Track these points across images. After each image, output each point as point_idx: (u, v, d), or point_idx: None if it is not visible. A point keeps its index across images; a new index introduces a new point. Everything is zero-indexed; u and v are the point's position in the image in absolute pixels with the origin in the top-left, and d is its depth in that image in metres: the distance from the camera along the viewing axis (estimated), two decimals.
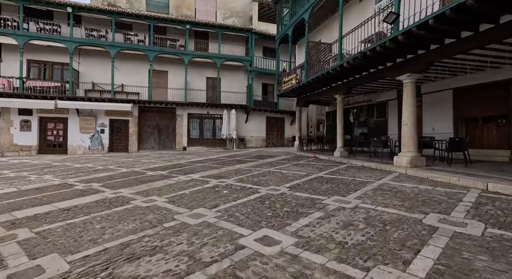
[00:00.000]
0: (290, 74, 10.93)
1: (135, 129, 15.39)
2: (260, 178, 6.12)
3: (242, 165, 8.68)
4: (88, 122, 14.42)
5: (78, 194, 5.00)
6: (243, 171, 7.25)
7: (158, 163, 9.86)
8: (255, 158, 10.86)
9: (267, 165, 8.36)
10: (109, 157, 12.86)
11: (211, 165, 8.98)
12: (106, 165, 9.65)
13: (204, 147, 16.74)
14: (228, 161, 9.91)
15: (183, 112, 16.34)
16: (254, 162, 9.51)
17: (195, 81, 16.58)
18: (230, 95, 16.99)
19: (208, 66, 16.89)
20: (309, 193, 4.49)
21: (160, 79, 16.19)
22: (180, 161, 10.66)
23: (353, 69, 7.45)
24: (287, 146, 18.62)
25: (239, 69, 17.62)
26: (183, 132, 16.33)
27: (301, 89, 10.82)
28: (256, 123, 17.77)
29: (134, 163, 9.96)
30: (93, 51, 14.50)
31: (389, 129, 10.69)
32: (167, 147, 16.24)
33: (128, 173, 7.50)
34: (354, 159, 8.42)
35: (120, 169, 8.47)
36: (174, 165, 9.11)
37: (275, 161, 9.51)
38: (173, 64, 16.24)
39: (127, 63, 15.41)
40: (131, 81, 15.13)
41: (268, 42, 18.07)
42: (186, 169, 8.07)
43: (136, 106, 15.32)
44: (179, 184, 5.73)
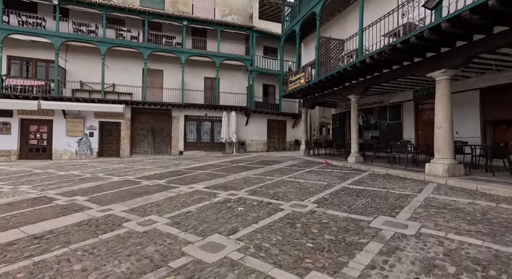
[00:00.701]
0: (298, 73, 10.22)
1: (127, 132, 14.42)
2: (276, 189, 5.32)
3: (249, 172, 7.86)
4: (75, 125, 13.39)
5: (58, 211, 4.10)
6: (253, 180, 6.44)
7: (153, 170, 8.96)
8: (260, 163, 10.06)
9: (278, 173, 7.57)
10: (98, 162, 11.85)
11: (214, 172, 8.14)
12: (94, 172, 8.70)
13: (202, 151, 15.84)
14: (232, 168, 9.07)
15: (180, 114, 15.45)
16: (261, 168, 8.70)
17: (193, 82, 15.75)
18: (229, 96, 16.19)
19: (206, 65, 16.08)
20: (345, 210, 3.71)
21: (155, 79, 15.29)
22: (178, 167, 9.77)
23: (375, 66, 6.78)
24: (289, 150, 17.88)
25: (238, 69, 16.87)
26: (179, 136, 15.42)
27: (309, 90, 10.11)
28: (256, 126, 16.99)
29: (126, 170, 9.03)
30: (82, 48, 13.54)
31: (404, 132, 10.06)
32: (162, 151, 15.29)
33: (120, 183, 6.59)
34: (372, 165, 7.71)
35: (111, 177, 7.55)
36: (172, 172, 8.23)
37: (284, 167, 8.72)
38: (169, 63, 15.38)
39: (119, 61, 14.49)
40: (123, 81, 14.20)
41: (269, 42, 17.41)
42: (187, 178, 7.21)
43: (129, 108, 14.37)
44: (182, 197, 4.88)
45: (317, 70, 8.94)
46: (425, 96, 9.00)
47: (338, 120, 13.48)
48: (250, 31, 15.91)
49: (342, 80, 8.69)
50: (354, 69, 7.02)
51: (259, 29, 15.95)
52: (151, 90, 14.99)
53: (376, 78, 7.57)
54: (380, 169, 6.94)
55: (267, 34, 16.35)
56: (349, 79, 8.52)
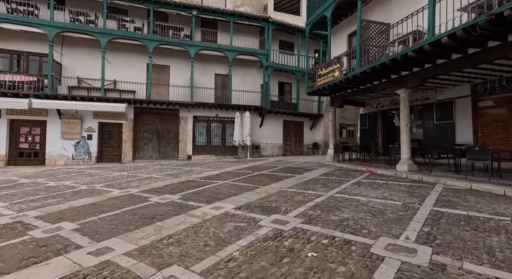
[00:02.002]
0: (331, 65, 8.84)
1: (129, 134, 13.10)
2: (337, 213, 3.91)
3: (279, 183, 6.46)
4: (72, 127, 12.10)
5: (29, 254, 2.75)
6: (294, 197, 5.03)
7: (161, 179, 7.59)
8: (286, 171, 8.65)
9: (318, 185, 6.15)
10: (97, 169, 10.53)
11: (236, 183, 6.74)
12: (91, 182, 7.35)
13: (212, 155, 14.46)
14: (255, 177, 7.67)
15: (188, 114, 14.11)
16: (291, 178, 7.29)
17: (202, 79, 14.43)
18: (242, 95, 14.84)
19: (217, 61, 14.77)
20: (485, 262, 2.29)
21: (160, 75, 14.00)
22: (190, 175, 8.40)
23: (447, 50, 5.36)
24: (306, 154, 16.45)
25: (252, 65, 15.53)
26: (187, 139, 14.07)
27: (343, 85, 8.72)
28: (271, 128, 15.60)
29: (129, 180, 7.67)
30: (80, 40, 12.30)
31: (457, 134, 8.61)
32: (168, 156, 13.93)
33: (122, 199, 5.23)
34: (433, 175, 6.28)
35: (111, 190, 6.19)
36: (185, 183, 6.84)
37: (320, 177, 7.30)
38: (177, 57, 14.09)
39: (121, 56, 13.23)
40: (125, 77, 12.91)
41: (285, 35, 16.09)
42: (206, 191, 5.82)
43: (132, 107, 13.07)
44: (210, 225, 3.51)
45: (359, 59, 7.55)
46: (489, 92, 7.54)
47: (368, 121, 12.05)
48: (265, 23, 14.60)
49: (389, 71, 7.30)
50: (418, 53, 5.62)
51: (276, 20, 14.63)
52: (157, 88, 13.69)
53: (440, 67, 6.16)
54: (454, 181, 5.49)
55: (284, 27, 15.03)
56: (399, 70, 7.13)
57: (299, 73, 15.47)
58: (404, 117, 7.35)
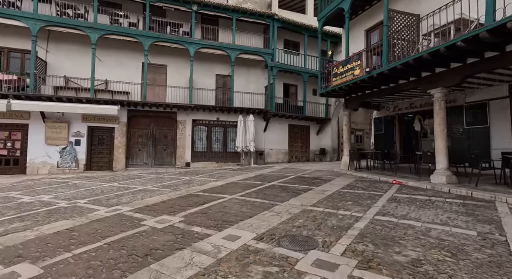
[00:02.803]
0: (349, 62, 7.93)
1: (122, 139, 12.00)
2: (396, 248, 2.93)
3: (299, 199, 5.45)
4: (57, 131, 10.97)
5: None
6: (327, 220, 4.05)
7: (158, 193, 6.53)
8: (299, 182, 7.65)
9: (348, 202, 5.15)
10: (84, 179, 9.41)
11: (247, 198, 5.72)
12: (74, 197, 6.26)
13: (213, 162, 13.40)
14: (267, 190, 6.65)
15: (186, 118, 13.09)
16: (310, 191, 6.30)
17: (202, 79, 13.46)
18: (245, 97, 13.89)
19: (218, 60, 13.84)
20: None
21: (157, 76, 13.00)
22: (191, 187, 7.36)
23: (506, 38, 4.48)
24: (313, 160, 15.48)
25: (255, 65, 14.63)
26: (186, 144, 13.01)
27: (364, 84, 7.80)
28: (276, 133, 14.62)
29: (120, 193, 6.59)
30: (67, 35, 11.28)
31: (493, 140, 7.73)
32: (164, 163, 12.84)
33: (108, 222, 4.19)
34: (484, 189, 5.33)
35: (96, 208, 5.13)
36: (187, 199, 5.80)
37: (344, 190, 6.31)
38: (174, 56, 13.13)
39: (113, 53, 12.22)
40: (118, 77, 11.88)
41: (290, 34, 15.26)
42: (213, 211, 4.79)
43: (125, 110, 12.00)
44: (227, 270, 2.50)
45: (386, 55, 6.63)
46: None
47: (384, 125, 11.15)
48: (270, 21, 13.75)
49: (420, 69, 6.41)
50: (469, 44, 4.72)
51: (281, 17, 13.78)
52: (153, 89, 12.67)
53: (489, 62, 5.27)
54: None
55: (290, 25, 14.19)
56: (432, 67, 6.24)
57: (306, 74, 14.59)
58: (440, 122, 6.43)
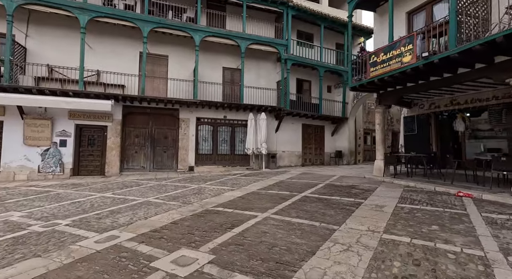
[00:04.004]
0: (395, 48, 6.61)
1: (116, 140, 10.44)
2: None
3: (359, 220, 4.08)
4: (38, 129, 9.36)
5: None
6: (439, 264, 2.68)
7: (164, 207, 5.07)
8: (336, 192, 6.27)
9: (434, 226, 3.79)
10: (70, 187, 7.84)
11: (287, 218, 4.31)
12: (55, 215, 4.76)
13: (219, 166, 11.93)
14: (304, 204, 5.25)
15: (190, 116, 11.59)
16: (362, 207, 4.92)
17: (207, 72, 12.00)
18: (255, 93, 12.49)
19: (225, 51, 12.43)
20: None
21: (156, 67, 11.48)
22: (204, 198, 5.92)
23: None
24: (328, 164, 14.17)
25: (266, 57, 13.25)
26: (189, 146, 11.51)
27: (412, 74, 6.50)
28: (289, 133, 13.26)
29: (115, 208, 5.09)
30: (52, 17, 9.70)
31: None
32: (165, 167, 11.30)
33: (102, 263, 2.74)
34: None
35: (83, 235, 3.68)
36: (205, 218, 4.36)
37: (411, 207, 4.96)
38: (177, 45, 11.65)
39: (106, 40, 10.66)
40: (112, 68, 10.33)
41: (303, 25, 13.96)
42: (251, 242, 3.39)
43: (120, 106, 10.45)
44: None
45: (454, 34, 5.32)
46: None
47: (417, 125, 9.89)
48: (284, 8, 12.40)
49: (492, 53, 5.14)
50: None
51: (296, 5, 12.44)
52: (152, 83, 11.15)
53: None
54: None
55: (305, 13, 12.85)
56: None
57: (322, 68, 13.28)
58: None
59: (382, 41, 8.61)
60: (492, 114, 8.15)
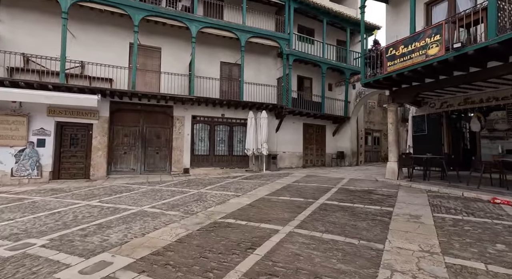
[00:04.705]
0: (418, 39, 6.04)
1: (103, 139, 9.41)
2: None
3: (405, 236, 3.42)
4: (12, 127, 8.23)
5: None
6: None
7: (164, 220, 4.26)
8: (355, 198, 5.61)
9: (499, 246, 3.16)
10: (50, 192, 6.83)
11: (315, 233, 3.60)
12: (27, 231, 3.86)
13: (217, 168, 11.09)
14: (327, 214, 4.56)
15: (185, 113, 10.69)
16: (397, 218, 4.28)
17: (204, 67, 11.14)
18: (255, 90, 11.74)
19: (223, 44, 11.62)
20: None
21: (148, 61, 10.52)
22: (209, 208, 5.12)
23: None
24: (329, 165, 13.61)
25: (266, 52, 12.53)
26: (184, 146, 10.61)
27: (440, 66, 5.95)
28: (290, 133, 12.60)
29: (104, 221, 4.21)
30: (27, 0, 8.57)
31: None
32: (157, 169, 10.35)
33: None
34: None
35: (64, 260, 2.83)
36: (216, 233, 3.58)
37: (449, 218, 4.38)
38: (171, 37, 10.73)
39: (92, 28, 9.62)
40: (98, 59, 9.29)
41: (304, 20, 13.34)
42: (284, 271, 2.60)
43: (107, 101, 9.43)
44: None
45: (495, 22, 4.76)
46: None
47: (427, 124, 9.44)
48: (285, 0, 11.70)
49: None
50: None
51: None
52: (143, 76, 10.18)
53: None
54: None
55: (308, 6, 12.22)
56: None
57: (324, 65, 12.70)
58: None
59: (396, 35, 8.07)
60: (511, 113, 7.77)
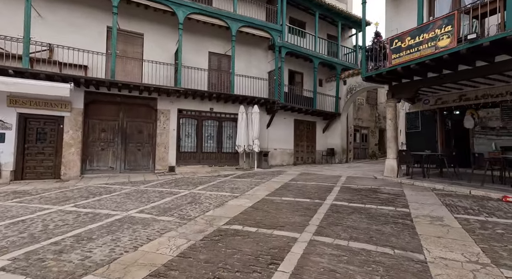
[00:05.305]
0: (427, 30, 5.78)
1: (76, 134, 8.34)
2: None
3: (442, 244, 3.09)
4: None
5: None
6: None
7: (157, 227, 3.61)
8: (363, 198, 5.26)
9: None
10: (11, 196, 5.81)
11: (339, 242, 3.10)
12: None
13: (205, 165, 10.37)
14: (341, 216, 4.18)
15: (170, 107, 9.83)
16: (420, 221, 3.96)
17: (190, 57, 10.32)
18: (246, 83, 11.12)
19: (211, 34, 10.86)
20: None
21: (129, 48, 9.50)
22: (207, 212, 4.52)
23: None
24: (319, 162, 13.37)
25: (257, 44, 11.94)
26: (169, 142, 9.76)
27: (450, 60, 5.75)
28: (281, 129, 12.15)
29: (83, 232, 3.45)
30: None
31: None
32: (139, 167, 9.43)
33: None
34: None
35: None
36: (225, 244, 2.99)
37: (473, 220, 4.15)
38: (154, 22, 9.80)
39: (63, 8, 8.47)
40: (71, 43, 8.17)
41: (296, 12, 12.92)
42: None
43: (81, 91, 8.36)
44: None
45: None
46: None
47: (421, 121, 9.42)
48: None
49: None
50: None
51: None
52: (123, 65, 9.18)
53: None
54: None
55: None
56: None
57: (316, 59, 12.36)
58: None
59: (396, 28, 7.85)
60: (505, 110, 7.88)
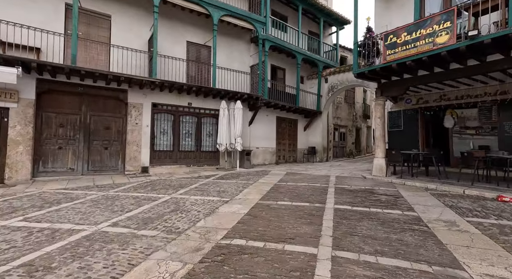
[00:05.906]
0: (424, 26, 5.62)
1: (26, 130, 6.94)
2: None
3: (471, 256, 2.75)
4: None
5: None
6: None
7: (138, 246, 2.89)
8: (364, 201, 4.98)
9: None
10: None
11: (366, 257, 2.55)
12: None
13: (183, 166, 9.45)
14: (351, 223, 3.79)
15: (143, 100, 8.75)
16: (435, 226, 3.68)
17: (167, 46, 9.30)
18: (228, 77, 10.37)
19: (190, 22, 9.93)
20: None
21: (93, 30, 8.21)
22: (197, 222, 3.89)
23: None
24: (301, 161, 13.12)
25: (239, 36, 11.22)
26: (141, 140, 8.67)
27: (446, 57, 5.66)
28: (264, 127, 11.62)
29: (35, 261, 2.48)
30: None
31: None
32: (106, 168, 8.23)
33: None
34: None
35: None
36: (226, 267, 2.34)
37: (482, 223, 3.94)
38: (124, 3, 8.61)
39: None
40: (18, 19, 6.75)
41: (278, 6, 12.42)
42: None
43: (33, 79, 6.98)
44: None
45: None
46: None
47: (403, 120, 9.53)
48: None
49: None
50: None
51: None
52: (86, 49, 7.90)
53: None
54: None
55: None
56: None
57: (300, 55, 12.02)
58: None
59: (387, 25, 7.73)
60: (482, 111, 8.19)
